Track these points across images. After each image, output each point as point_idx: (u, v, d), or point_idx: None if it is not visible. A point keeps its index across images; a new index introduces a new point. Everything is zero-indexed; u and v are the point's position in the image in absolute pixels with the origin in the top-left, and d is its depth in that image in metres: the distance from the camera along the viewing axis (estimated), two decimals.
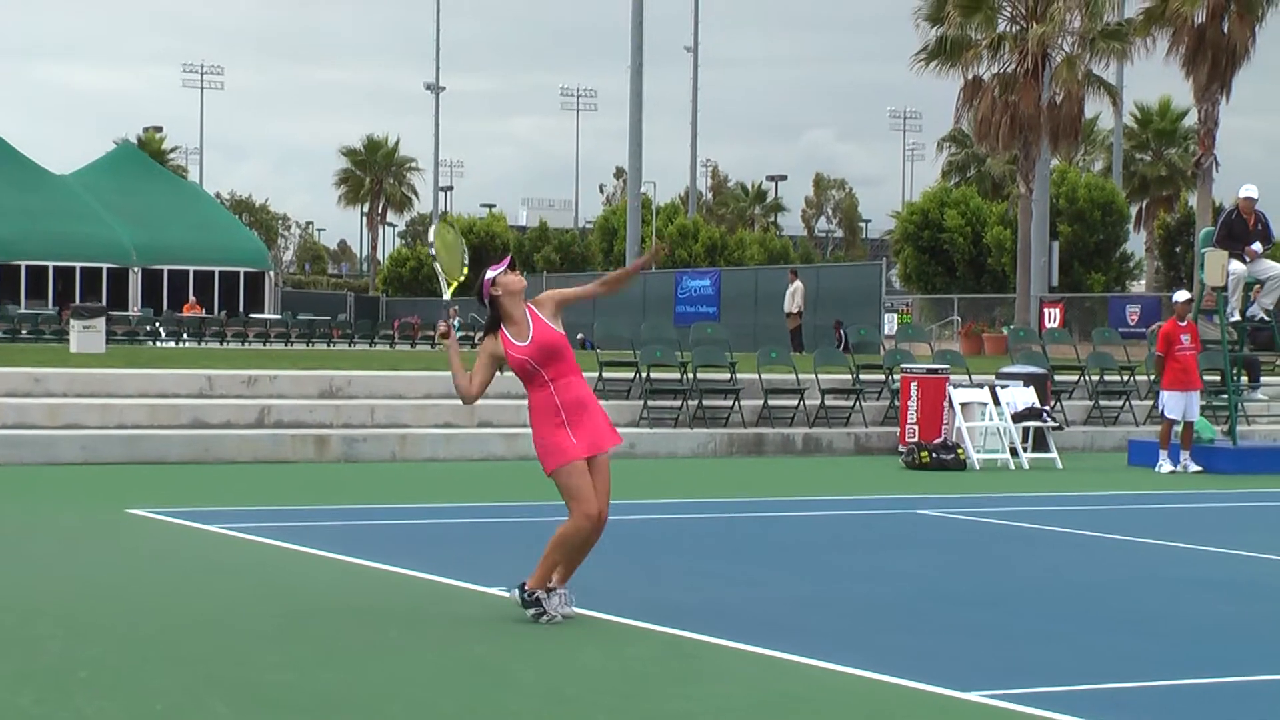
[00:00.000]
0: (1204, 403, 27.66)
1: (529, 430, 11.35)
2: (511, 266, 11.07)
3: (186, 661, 9.70)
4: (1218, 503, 20.40)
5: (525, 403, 11.37)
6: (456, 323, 11.13)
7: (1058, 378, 29.11)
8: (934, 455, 23.96)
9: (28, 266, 69.08)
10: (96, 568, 13.38)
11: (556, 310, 11.04)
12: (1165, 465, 24.00)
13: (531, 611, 10.89)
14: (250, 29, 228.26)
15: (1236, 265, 24.47)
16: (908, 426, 25.19)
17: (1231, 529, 17.80)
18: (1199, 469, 23.97)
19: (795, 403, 26.69)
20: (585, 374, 11.45)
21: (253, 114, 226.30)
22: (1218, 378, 27.64)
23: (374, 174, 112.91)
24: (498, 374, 11.19)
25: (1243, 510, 19.78)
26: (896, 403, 26.34)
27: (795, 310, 46.77)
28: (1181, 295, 24.51)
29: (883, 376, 28.16)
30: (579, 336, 58.58)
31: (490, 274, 11.03)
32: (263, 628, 10.79)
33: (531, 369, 10.88)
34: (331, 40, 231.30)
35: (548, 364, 10.87)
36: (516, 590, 11.01)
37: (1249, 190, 24.51)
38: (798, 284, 47.81)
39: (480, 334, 11.24)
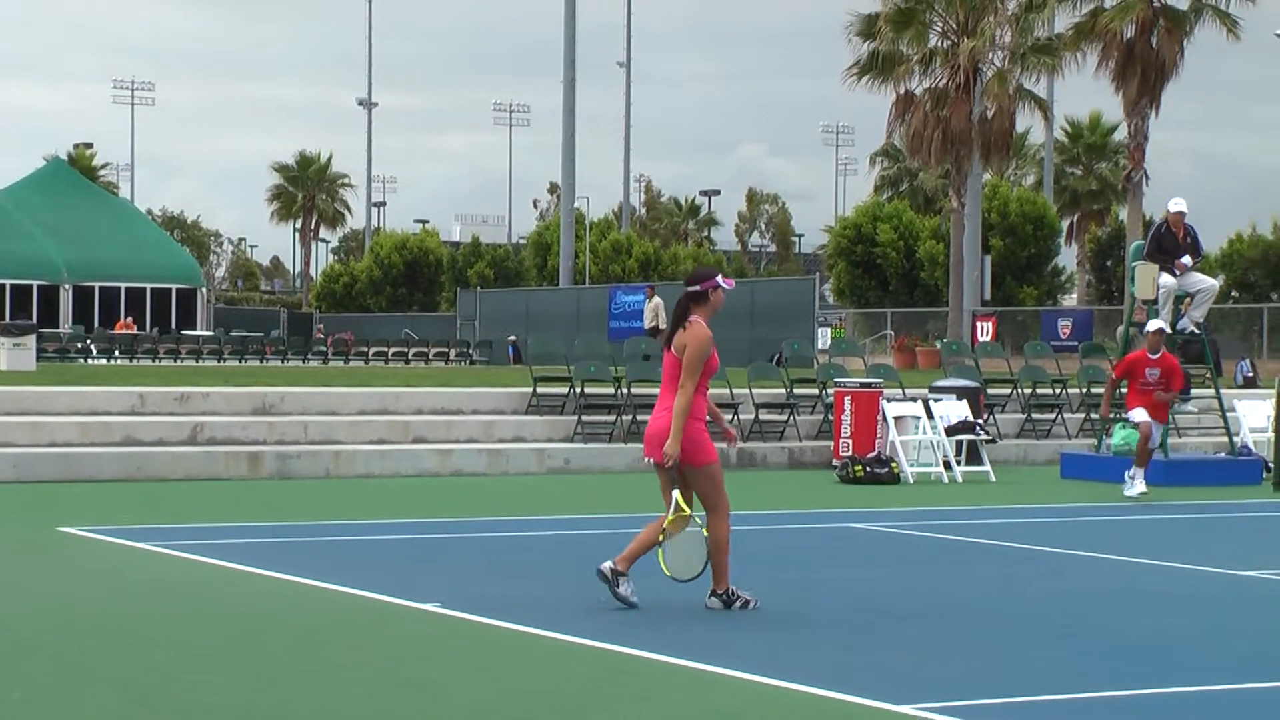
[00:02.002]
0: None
1: (462, 445, 11.49)
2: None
3: (121, 683, 9.64)
4: (1150, 514, 20.51)
5: (455, 419, 11.58)
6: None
7: (990, 391, 29.24)
8: (868, 469, 24.03)
9: None
10: (28, 587, 13.28)
11: None
12: (1139, 486, 21.69)
13: (738, 604, 12.07)
14: (181, 46, 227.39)
15: (1166, 279, 24.63)
16: (842, 440, 25.26)
17: (1164, 541, 17.92)
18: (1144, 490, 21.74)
19: (729, 417, 26.72)
20: (519, 389, 11.63)
21: (184, 130, 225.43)
22: None
23: (307, 190, 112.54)
24: (424, 389, 11.75)
25: (1175, 523, 19.90)
26: (830, 417, 26.40)
27: (655, 325, 47.14)
28: (1153, 325, 22.17)
29: (817, 391, 28.23)
30: (510, 337, 58.61)
31: (725, 283, 12.43)
32: (198, 647, 10.73)
33: (713, 374, 12.23)
34: (263, 57, 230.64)
35: (708, 375, 12.19)
36: (713, 599, 12.12)
37: (1178, 204, 24.68)
38: (658, 300, 48.41)
39: (669, 327, 12.46)
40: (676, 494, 12.19)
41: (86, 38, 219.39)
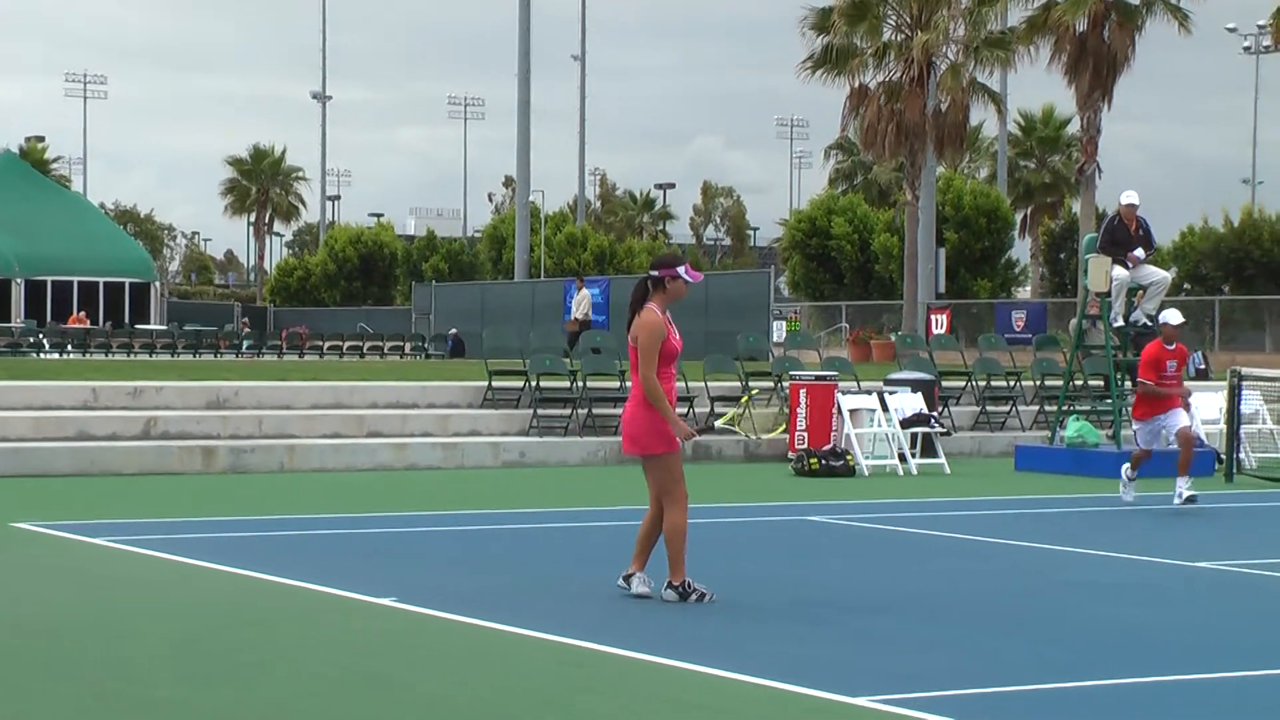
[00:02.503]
0: (1088, 408, 28.00)
1: (417, 440, 11.52)
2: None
3: (76, 679, 9.61)
4: (1104, 506, 20.60)
5: (410, 413, 11.63)
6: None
7: (945, 384, 29.31)
8: (823, 462, 24.09)
9: None
10: None
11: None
12: (1130, 494, 20.49)
13: (693, 597, 12.10)
14: (133, 38, 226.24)
15: (1119, 271, 24.74)
16: (797, 433, 25.32)
17: (1118, 532, 18.01)
18: (1192, 495, 19.88)
19: (685, 411, 26.73)
20: (475, 383, 11.71)
21: (137, 124, 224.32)
22: (1101, 383, 27.96)
23: (260, 184, 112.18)
24: (384, 383, 11.66)
25: (1128, 513, 19.98)
26: (785, 410, 26.45)
27: (581, 317, 47.40)
28: (1174, 317, 20.89)
29: (772, 384, 28.28)
30: (451, 331, 58.54)
31: (687, 274, 12.39)
32: (153, 643, 10.71)
33: (672, 360, 12.26)
34: (216, 50, 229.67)
35: (671, 362, 12.29)
36: (669, 590, 12.17)
37: (1130, 196, 24.78)
38: (585, 292, 48.82)
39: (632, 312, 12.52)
40: None
41: (38, 30, 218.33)
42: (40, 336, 55.60)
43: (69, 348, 53.61)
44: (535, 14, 65.18)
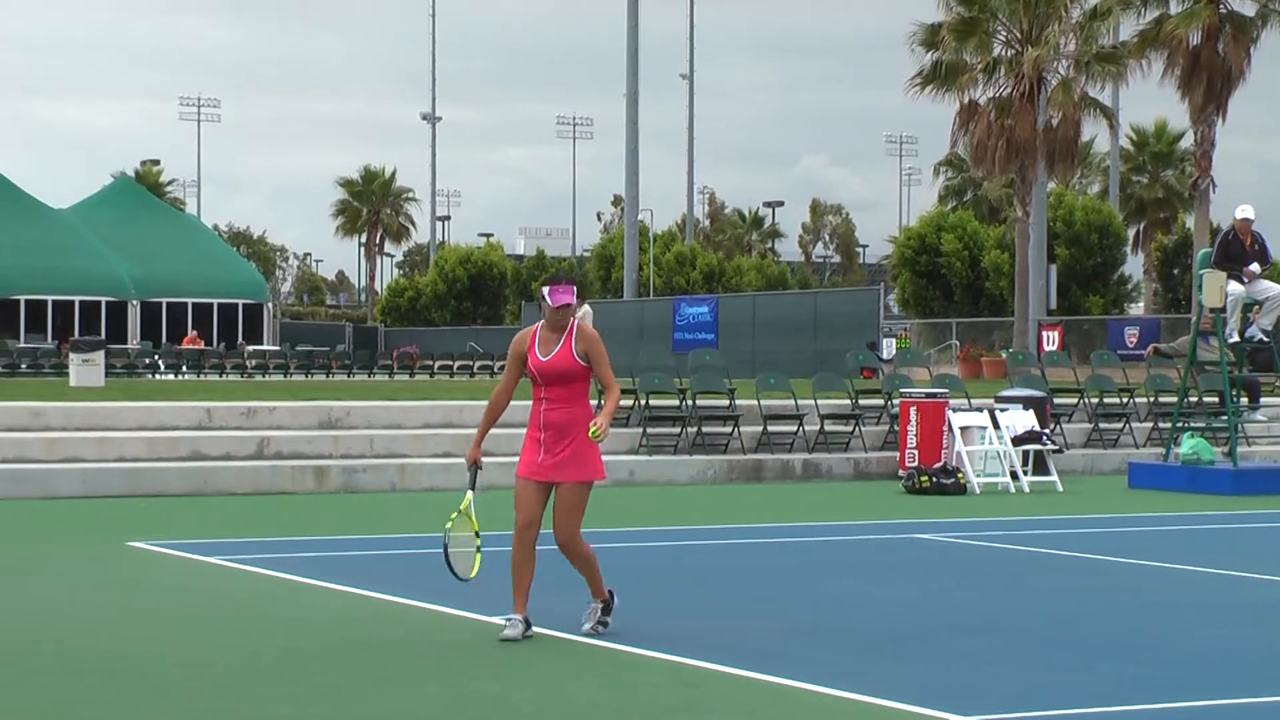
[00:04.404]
0: (1203, 424, 27.69)
1: None
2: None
3: (186, 697, 9.68)
4: (1219, 524, 20.37)
5: (519, 432, 11.71)
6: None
7: (1057, 401, 29.06)
8: (934, 480, 23.93)
9: (26, 301, 69.12)
10: (96, 602, 13.36)
11: (586, 350, 11.45)
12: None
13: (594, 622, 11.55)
14: (245, 62, 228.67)
15: (1234, 286, 24.47)
16: (907, 451, 25.16)
17: (1231, 551, 17.78)
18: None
19: (794, 428, 26.67)
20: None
21: (249, 146, 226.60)
22: (1216, 399, 27.64)
23: (371, 204, 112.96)
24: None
25: (1244, 532, 19.75)
26: (896, 427, 26.31)
27: None
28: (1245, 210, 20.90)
29: (882, 401, 28.14)
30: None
31: (548, 297, 11.37)
32: (263, 661, 10.78)
33: (539, 381, 11.40)
34: (325, 72, 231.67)
35: (552, 384, 11.35)
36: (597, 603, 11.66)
37: (1245, 211, 24.51)
38: (586, 308, 48.57)
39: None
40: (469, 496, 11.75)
41: (153, 57, 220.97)
42: (155, 357, 56.23)
43: (183, 368, 54.17)
44: (643, 33, 65.36)
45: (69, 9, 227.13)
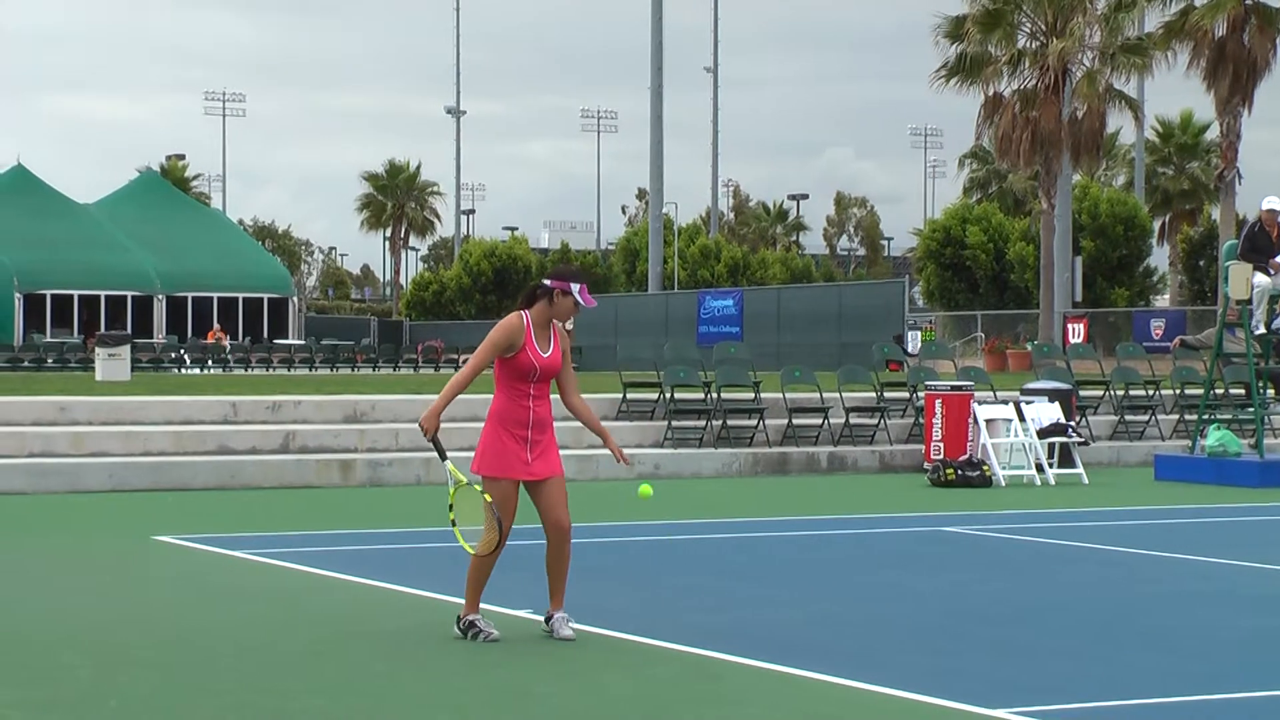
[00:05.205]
0: (1230, 416, 27.62)
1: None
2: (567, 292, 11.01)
3: (214, 689, 9.70)
4: (1245, 516, 20.33)
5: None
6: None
7: (1082, 393, 29.04)
8: (959, 472, 23.92)
9: (53, 296, 69.29)
10: (124, 595, 13.40)
11: (565, 348, 11.14)
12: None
13: (478, 636, 11.00)
14: (270, 56, 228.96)
15: (1260, 278, 24.41)
16: (933, 444, 25.15)
17: (1259, 543, 17.74)
18: None
19: (819, 421, 26.67)
20: (609, 395, 11.59)
21: (273, 140, 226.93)
22: (1243, 391, 27.57)
23: (396, 198, 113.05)
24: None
25: (1271, 524, 19.70)
26: (921, 420, 26.30)
27: (569, 327, 47.11)
28: None
29: (907, 394, 28.12)
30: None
31: (580, 295, 11.00)
32: (290, 653, 10.80)
33: (534, 379, 10.90)
34: (350, 66, 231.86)
35: (543, 381, 10.98)
36: (456, 625, 11.15)
37: (1272, 202, 24.45)
38: None
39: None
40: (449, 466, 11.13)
41: (179, 52, 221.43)
42: (181, 352, 56.36)
43: (209, 363, 54.29)
44: (667, 26, 65.28)
45: (93, 4, 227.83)
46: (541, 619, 11.25)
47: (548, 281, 11.02)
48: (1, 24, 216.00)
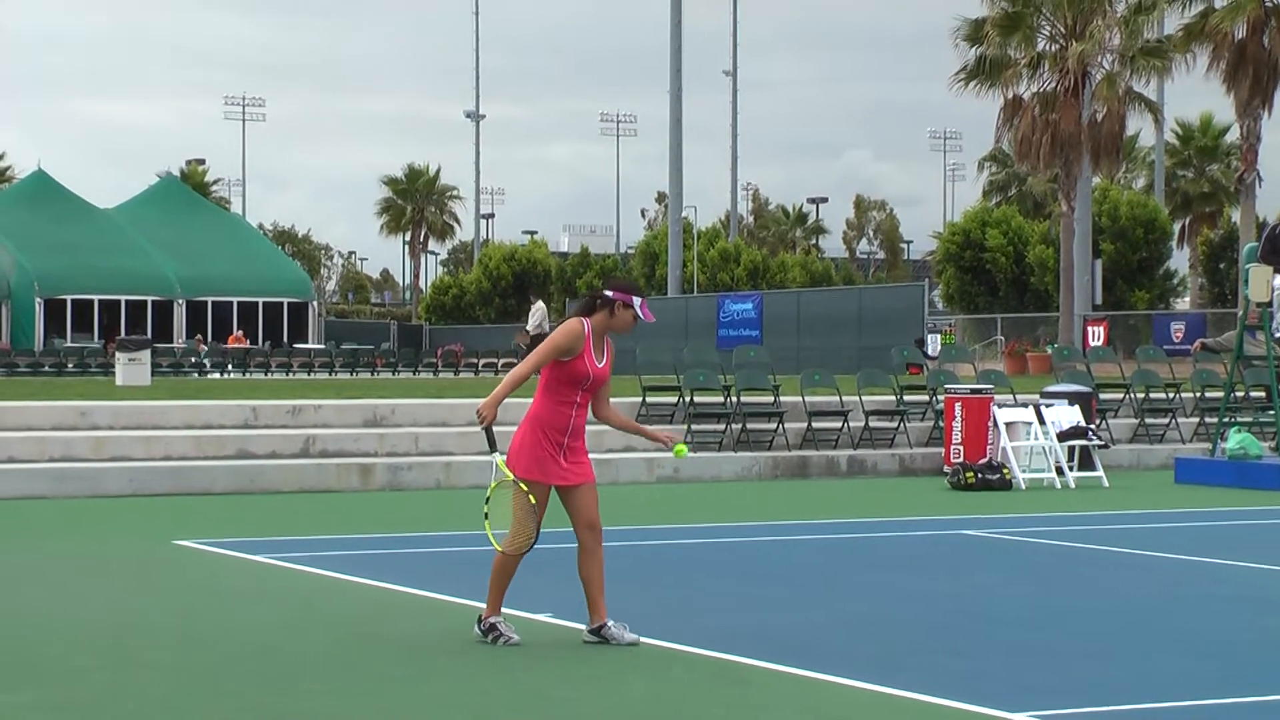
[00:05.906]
0: (1250, 419, 27.56)
1: None
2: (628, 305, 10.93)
3: (233, 692, 9.71)
4: (1266, 519, 20.27)
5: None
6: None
7: (1103, 396, 28.98)
8: (979, 475, 23.88)
9: (73, 300, 69.47)
10: (143, 599, 13.41)
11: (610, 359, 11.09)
12: None
13: (499, 640, 10.95)
14: (289, 60, 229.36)
15: None
16: (953, 447, 25.11)
17: None
18: None
19: (839, 425, 26.64)
20: (629, 398, 11.60)
21: (293, 145, 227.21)
22: (1263, 394, 27.49)
23: (415, 202, 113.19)
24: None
25: None
26: (941, 423, 26.26)
27: (533, 330, 46.84)
28: None
29: (927, 397, 28.08)
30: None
31: (641, 310, 10.92)
32: (309, 657, 10.81)
33: (585, 387, 10.86)
34: (369, 70, 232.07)
35: (590, 391, 10.95)
36: (476, 627, 11.13)
37: None
38: (539, 304, 48.44)
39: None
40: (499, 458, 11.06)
41: (198, 56, 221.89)
42: (201, 356, 56.46)
43: (229, 367, 54.39)
44: (686, 29, 65.29)
45: (113, 7, 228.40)
46: (585, 629, 11.13)
47: (609, 293, 10.88)
48: (19, 28, 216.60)
